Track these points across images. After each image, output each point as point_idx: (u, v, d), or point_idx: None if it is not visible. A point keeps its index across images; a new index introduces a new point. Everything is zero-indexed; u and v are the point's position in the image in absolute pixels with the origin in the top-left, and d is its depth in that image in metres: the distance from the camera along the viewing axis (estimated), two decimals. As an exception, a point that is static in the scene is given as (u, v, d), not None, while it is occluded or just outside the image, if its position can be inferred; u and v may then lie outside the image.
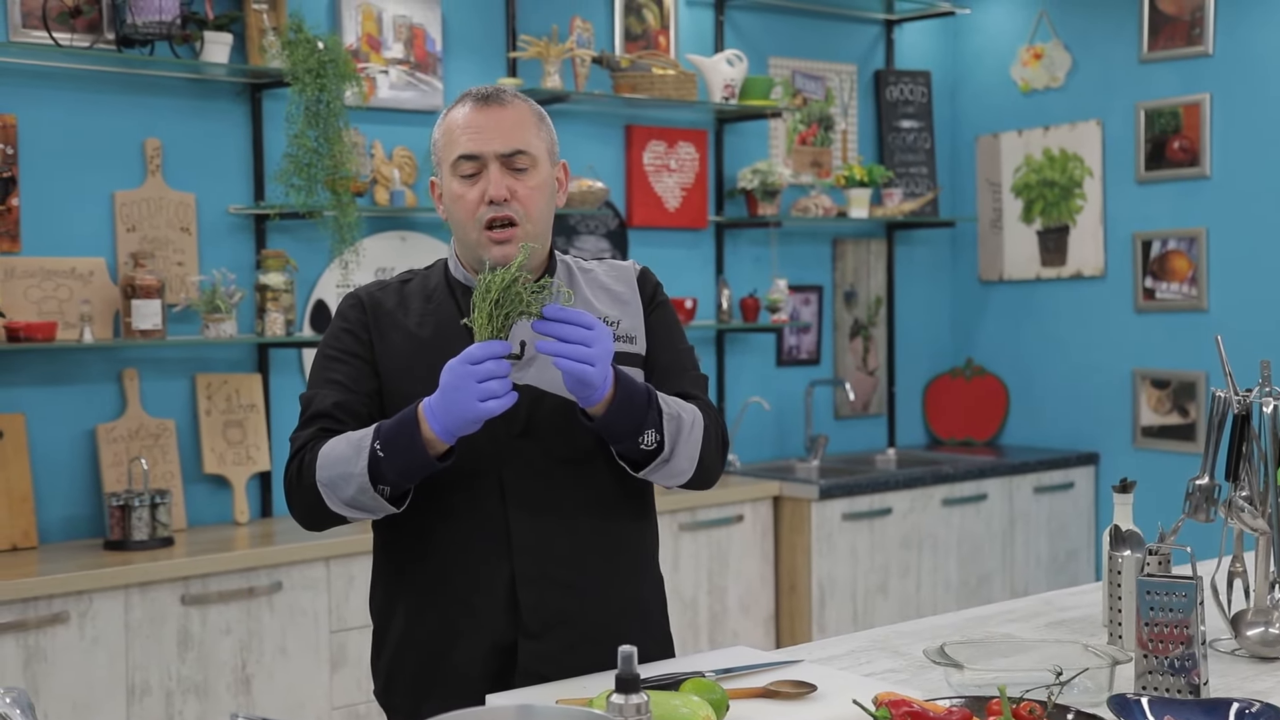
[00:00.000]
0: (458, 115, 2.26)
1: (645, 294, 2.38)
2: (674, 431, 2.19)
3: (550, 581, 2.24)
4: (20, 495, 3.89)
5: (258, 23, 4.21)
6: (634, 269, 2.41)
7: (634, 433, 2.15)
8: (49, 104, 4.00)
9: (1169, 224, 5.38)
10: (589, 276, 2.38)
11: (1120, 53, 5.49)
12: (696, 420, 2.24)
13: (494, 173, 2.22)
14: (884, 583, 5.07)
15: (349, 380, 2.28)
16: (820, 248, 5.74)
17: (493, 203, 2.21)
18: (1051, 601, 2.80)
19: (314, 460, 2.19)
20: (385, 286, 2.36)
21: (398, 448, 2.10)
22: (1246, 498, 2.39)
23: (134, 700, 3.62)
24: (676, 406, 2.22)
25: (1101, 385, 5.61)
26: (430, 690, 2.28)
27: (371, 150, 4.51)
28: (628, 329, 2.33)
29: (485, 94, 2.26)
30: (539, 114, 2.30)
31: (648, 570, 2.40)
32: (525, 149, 2.23)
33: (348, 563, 3.94)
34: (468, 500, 2.24)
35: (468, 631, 2.25)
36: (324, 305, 4.47)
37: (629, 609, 2.33)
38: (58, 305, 3.97)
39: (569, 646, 2.24)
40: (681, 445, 2.21)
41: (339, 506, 2.19)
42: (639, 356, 2.33)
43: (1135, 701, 1.94)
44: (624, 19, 5.11)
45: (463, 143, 2.23)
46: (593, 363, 2.06)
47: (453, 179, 2.25)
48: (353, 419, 2.25)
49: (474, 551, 2.24)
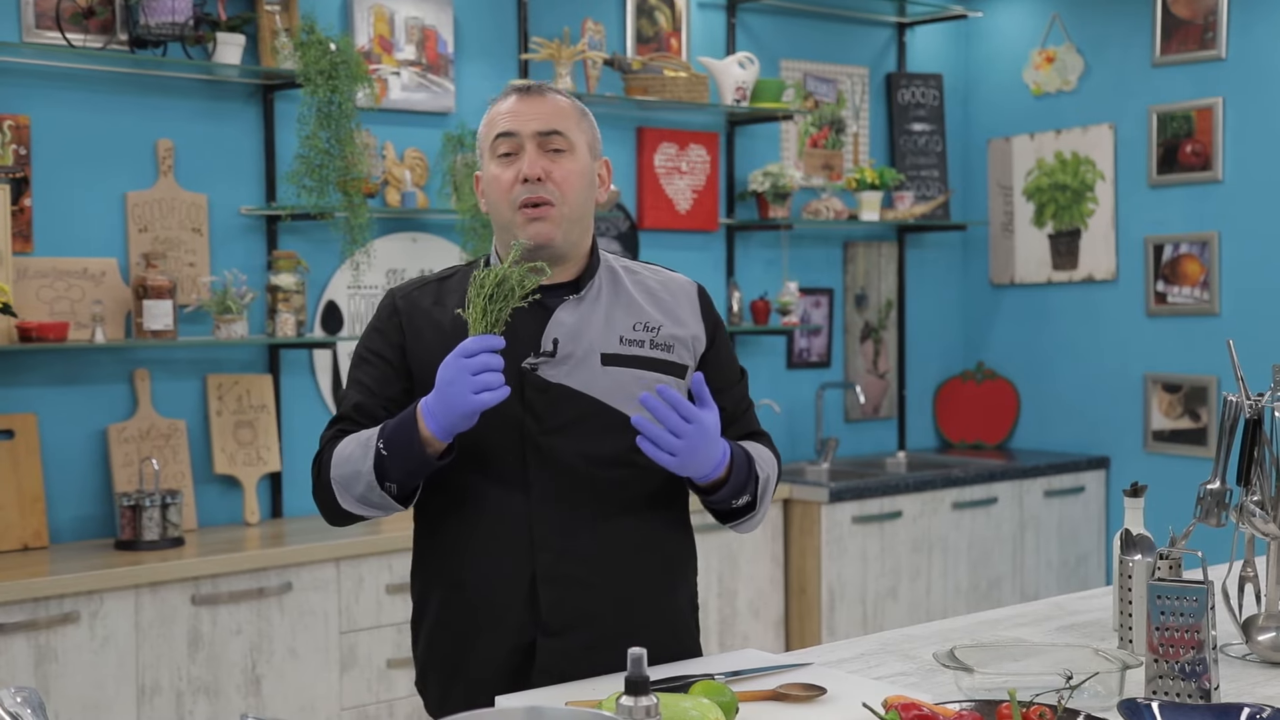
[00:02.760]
0: (500, 105, 2.30)
1: (709, 320, 2.40)
2: (764, 492, 2.32)
3: (571, 581, 2.25)
4: (31, 495, 3.90)
5: (270, 24, 4.22)
6: (692, 286, 2.41)
7: (733, 498, 2.27)
8: (62, 105, 4.01)
9: (1181, 228, 5.37)
10: (635, 278, 2.38)
11: (1133, 56, 5.48)
12: (774, 472, 2.37)
13: (530, 152, 2.24)
14: (894, 586, 5.07)
15: (372, 383, 2.32)
16: (831, 251, 5.73)
17: (527, 181, 2.23)
18: (1062, 605, 2.79)
19: (329, 459, 2.25)
20: (424, 285, 2.37)
21: (399, 446, 2.15)
22: (1258, 502, 2.38)
23: (144, 700, 3.62)
24: (768, 468, 2.35)
25: (1113, 389, 5.60)
26: (455, 683, 2.31)
27: (383, 151, 4.51)
28: (667, 337, 2.32)
29: (528, 85, 2.31)
30: (581, 110, 2.33)
31: (679, 577, 2.39)
32: (562, 131, 2.25)
33: (357, 564, 3.95)
34: (494, 497, 2.26)
35: (489, 627, 2.27)
36: (335, 306, 4.47)
37: (656, 614, 2.33)
38: (70, 305, 3.98)
39: (589, 646, 2.23)
40: (766, 501, 2.34)
41: (351, 504, 2.24)
42: (678, 366, 2.32)
43: (1146, 706, 1.93)
44: (636, 21, 5.11)
45: (501, 124, 2.26)
46: (674, 453, 2.13)
47: (491, 161, 2.28)
48: (370, 422, 2.28)
49: (498, 548, 2.26)
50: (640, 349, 2.29)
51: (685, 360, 2.33)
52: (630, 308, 2.32)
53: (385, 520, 4.22)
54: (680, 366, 2.33)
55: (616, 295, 2.33)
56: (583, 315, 2.28)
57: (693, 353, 2.35)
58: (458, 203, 4.54)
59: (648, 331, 2.30)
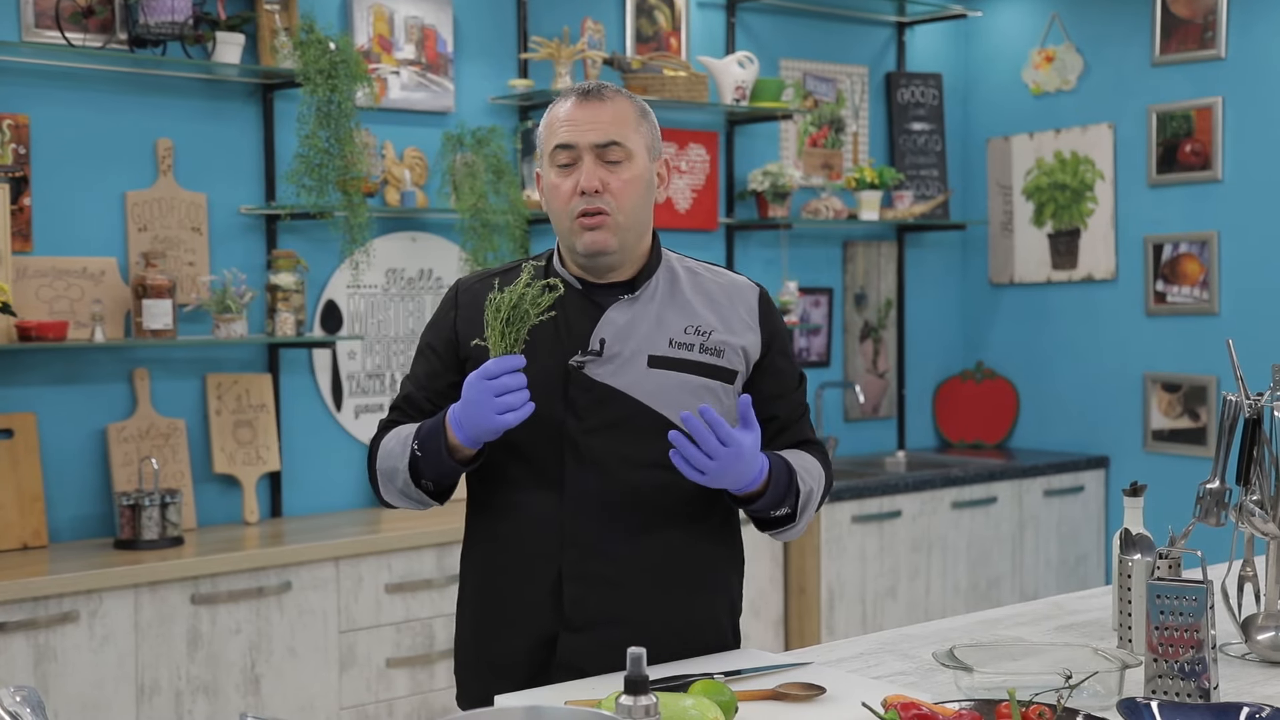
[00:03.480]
0: (560, 109, 2.29)
1: (768, 327, 2.37)
2: (805, 504, 2.30)
3: (598, 579, 2.26)
4: (31, 494, 3.90)
5: (270, 23, 4.22)
6: (753, 291, 2.39)
7: (771, 509, 2.26)
8: (61, 104, 4.01)
9: (1180, 227, 5.37)
10: (695, 279, 2.37)
11: (1132, 55, 5.48)
12: (820, 484, 2.35)
13: (587, 164, 2.25)
14: (893, 585, 5.07)
15: (423, 374, 2.38)
16: (831, 250, 5.73)
17: (584, 194, 2.24)
18: (1061, 605, 2.79)
19: (377, 450, 2.34)
20: (486, 276, 2.39)
21: (430, 449, 2.22)
22: (1257, 502, 2.38)
23: (143, 700, 3.62)
24: (811, 481, 2.32)
25: (1112, 389, 5.60)
26: (479, 673, 2.35)
27: (382, 151, 4.51)
28: (718, 342, 2.31)
29: (587, 89, 2.29)
30: (641, 110, 2.32)
31: (717, 584, 2.38)
32: (620, 141, 2.25)
33: (356, 563, 3.95)
34: (530, 490, 2.28)
35: (514, 618, 2.29)
36: (334, 305, 4.47)
37: (685, 619, 2.32)
38: (69, 305, 3.98)
39: (611, 644, 2.22)
40: (808, 513, 2.32)
41: (392, 496, 2.34)
42: (727, 371, 2.31)
43: (1145, 705, 1.93)
44: (635, 20, 5.11)
45: (560, 134, 2.27)
46: (704, 472, 2.13)
47: (550, 169, 2.29)
48: (417, 413, 2.36)
49: (529, 542, 2.28)
50: (690, 353, 2.29)
51: (736, 366, 2.32)
52: (684, 310, 2.32)
53: (384, 520, 4.23)
54: (730, 372, 2.31)
55: (672, 297, 2.33)
56: (635, 316, 2.29)
57: (745, 359, 2.33)
58: (457, 202, 4.54)
59: (699, 335, 2.30)
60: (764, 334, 2.36)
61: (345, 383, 4.51)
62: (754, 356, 2.34)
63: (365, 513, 4.44)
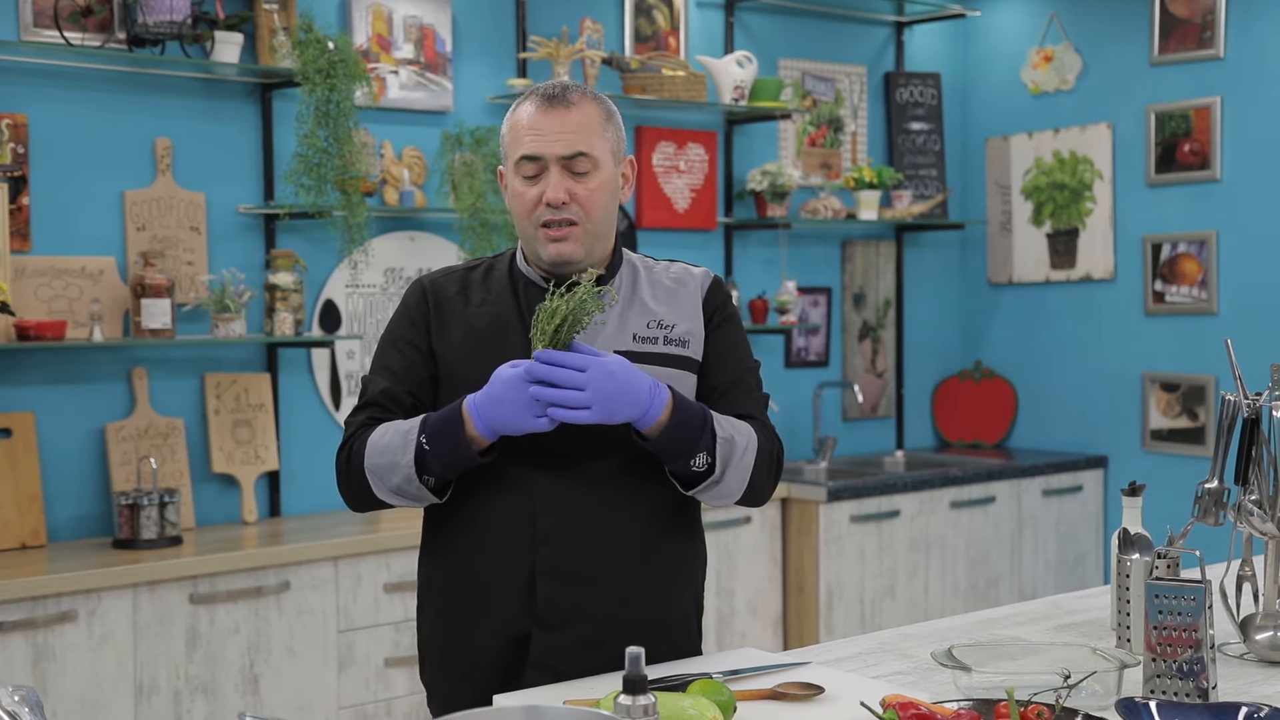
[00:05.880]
0: (523, 113, 2.26)
1: (710, 306, 2.37)
2: (726, 455, 2.22)
3: (572, 576, 2.25)
4: (29, 494, 3.89)
5: (268, 23, 4.22)
6: (703, 277, 2.39)
7: (686, 454, 2.19)
8: (60, 103, 4.01)
9: (1179, 227, 5.37)
10: (653, 276, 2.38)
11: (1131, 55, 5.48)
12: (750, 443, 2.26)
13: (554, 175, 2.23)
14: (892, 585, 5.07)
15: (399, 368, 2.33)
16: (829, 250, 5.73)
17: (550, 205, 2.22)
18: (1060, 604, 2.80)
19: (362, 448, 2.27)
20: (451, 273, 2.39)
21: (443, 442, 2.17)
22: (1256, 501, 2.38)
23: (142, 699, 3.62)
24: (731, 429, 2.24)
25: (1111, 388, 5.60)
26: (449, 674, 2.33)
27: (381, 150, 4.51)
28: (682, 333, 2.32)
29: (551, 94, 2.26)
30: (606, 113, 2.29)
31: (684, 581, 2.38)
32: (587, 151, 2.24)
33: (355, 563, 3.95)
34: (501, 491, 2.27)
35: (486, 616, 2.28)
36: (333, 305, 4.47)
37: (655, 615, 2.32)
38: (67, 304, 3.98)
39: (584, 643, 2.24)
40: (733, 468, 2.24)
41: (384, 494, 2.27)
42: (692, 361, 2.32)
43: (1143, 705, 1.93)
44: (634, 20, 5.11)
45: (525, 143, 2.24)
46: (588, 405, 2.10)
47: (515, 176, 2.27)
48: (398, 407, 2.31)
49: (501, 541, 2.27)
50: (654, 346, 2.30)
51: (698, 355, 2.33)
52: (644, 306, 2.33)
53: (383, 519, 4.23)
54: (694, 362, 2.33)
55: (633, 294, 2.34)
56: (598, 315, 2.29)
57: (700, 344, 2.34)
58: (456, 202, 4.54)
59: (662, 329, 2.31)
60: (706, 312, 2.36)
61: (344, 382, 4.51)
62: (703, 336, 2.35)
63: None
